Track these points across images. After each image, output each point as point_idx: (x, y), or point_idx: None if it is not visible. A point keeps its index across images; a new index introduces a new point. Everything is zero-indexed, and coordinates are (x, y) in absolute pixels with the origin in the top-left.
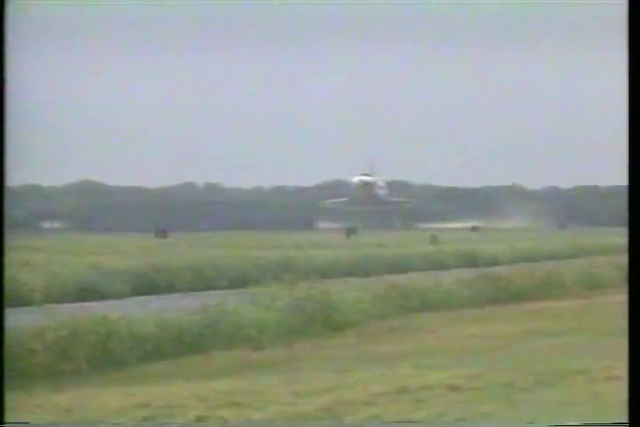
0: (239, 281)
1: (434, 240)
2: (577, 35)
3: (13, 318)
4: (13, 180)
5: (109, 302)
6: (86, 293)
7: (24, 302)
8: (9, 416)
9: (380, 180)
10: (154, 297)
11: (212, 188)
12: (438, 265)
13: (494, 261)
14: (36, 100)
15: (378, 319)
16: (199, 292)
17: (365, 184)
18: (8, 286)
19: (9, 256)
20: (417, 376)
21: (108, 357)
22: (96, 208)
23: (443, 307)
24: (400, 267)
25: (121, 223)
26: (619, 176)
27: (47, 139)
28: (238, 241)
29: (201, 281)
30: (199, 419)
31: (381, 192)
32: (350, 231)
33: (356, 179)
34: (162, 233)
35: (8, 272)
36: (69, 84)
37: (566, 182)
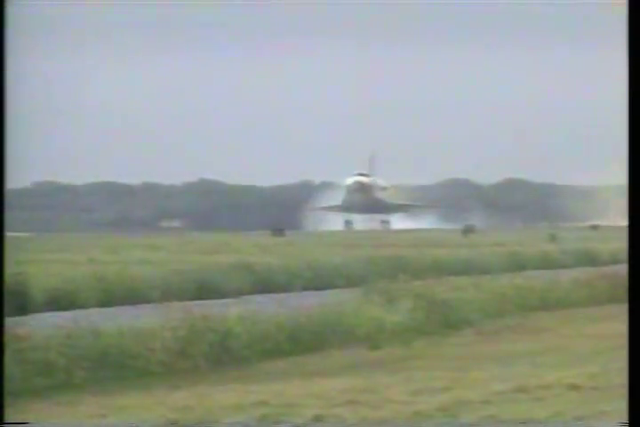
0: (356, 279)
1: (552, 238)
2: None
3: (133, 315)
4: (133, 178)
5: (228, 300)
6: (205, 291)
7: (144, 299)
8: (129, 414)
9: (380, 180)
10: (271, 295)
11: (328, 186)
12: (557, 263)
13: (614, 260)
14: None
15: (495, 318)
16: (316, 291)
17: (361, 186)
18: (128, 284)
19: (129, 254)
20: (535, 375)
21: (226, 355)
22: (214, 207)
23: (561, 306)
24: (518, 265)
25: (239, 222)
26: None
27: (165, 139)
28: (355, 239)
29: (318, 279)
30: (317, 417)
31: (382, 195)
32: (467, 230)
33: (350, 180)
34: (279, 231)
35: (128, 270)
36: (152, 83)
37: None
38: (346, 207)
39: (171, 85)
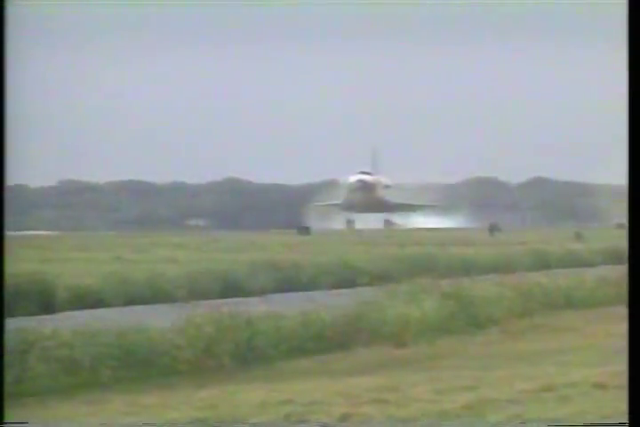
0: (381, 278)
1: (578, 237)
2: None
3: (159, 314)
4: (159, 177)
5: (253, 299)
6: (230, 289)
7: (169, 298)
8: (154, 413)
9: (384, 178)
10: (296, 294)
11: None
12: (582, 262)
13: None
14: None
15: (521, 317)
16: (340, 289)
17: (363, 184)
18: (154, 283)
19: (155, 253)
20: (561, 374)
21: (252, 353)
22: (240, 206)
23: (587, 305)
24: (544, 264)
25: (264, 220)
26: None
27: (191, 138)
28: (381, 238)
29: (342, 278)
30: (343, 416)
31: (386, 194)
32: (493, 228)
33: (353, 178)
34: (304, 230)
35: (154, 269)
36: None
37: None
38: (347, 206)
39: (195, 84)
